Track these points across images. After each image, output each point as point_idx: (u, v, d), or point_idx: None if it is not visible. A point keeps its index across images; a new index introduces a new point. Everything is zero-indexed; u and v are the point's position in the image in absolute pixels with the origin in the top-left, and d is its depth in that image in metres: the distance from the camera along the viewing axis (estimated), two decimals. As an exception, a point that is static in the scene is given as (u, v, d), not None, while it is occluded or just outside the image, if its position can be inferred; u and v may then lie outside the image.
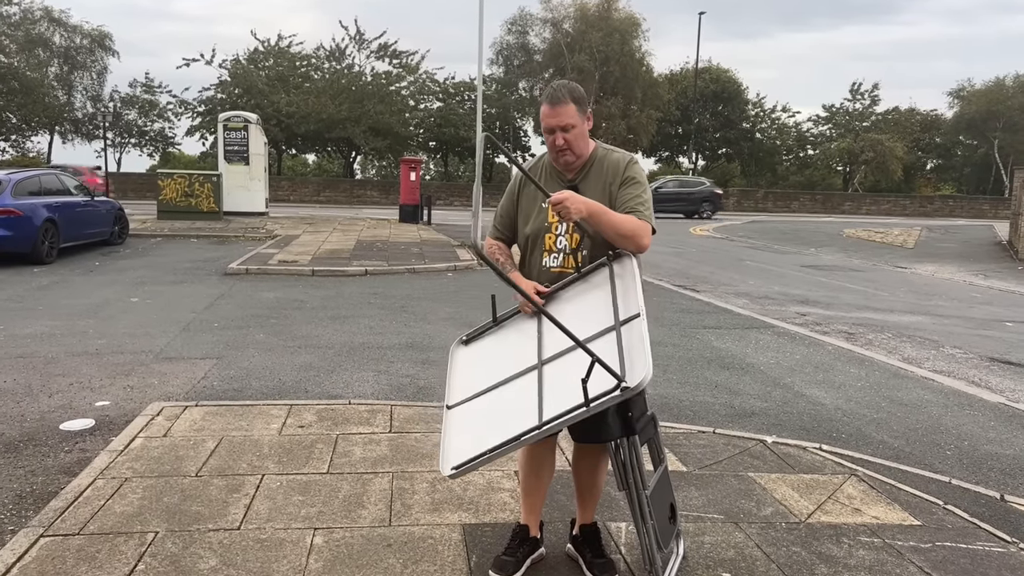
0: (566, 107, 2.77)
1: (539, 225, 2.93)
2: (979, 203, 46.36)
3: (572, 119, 2.78)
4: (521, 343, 2.79)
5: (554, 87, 2.83)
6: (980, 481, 4.43)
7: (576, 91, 2.82)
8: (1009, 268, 18.11)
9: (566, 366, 2.49)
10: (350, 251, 14.81)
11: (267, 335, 7.48)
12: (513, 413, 2.52)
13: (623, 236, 2.71)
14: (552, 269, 2.91)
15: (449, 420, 2.77)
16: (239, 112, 24.49)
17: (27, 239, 11.77)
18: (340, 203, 37.47)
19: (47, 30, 38.69)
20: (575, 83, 2.90)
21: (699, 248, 19.56)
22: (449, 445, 2.64)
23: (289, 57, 41.44)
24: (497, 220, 3.13)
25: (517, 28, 43.27)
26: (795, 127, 54.07)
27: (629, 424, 2.71)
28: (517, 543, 3.08)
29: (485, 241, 3.09)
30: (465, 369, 2.93)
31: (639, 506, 2.77)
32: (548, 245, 2.92)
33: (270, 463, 4.11)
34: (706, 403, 5.70)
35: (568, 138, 2.80)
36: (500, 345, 2.92)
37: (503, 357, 2.80)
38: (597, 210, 2.68)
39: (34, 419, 4.87)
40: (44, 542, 3.18)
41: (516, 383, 2.67)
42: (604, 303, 2.64)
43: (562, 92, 2.79)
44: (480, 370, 2.84)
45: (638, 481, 2.75)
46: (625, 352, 2.39)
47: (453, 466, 2.49)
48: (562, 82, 2.88)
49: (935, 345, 8.17)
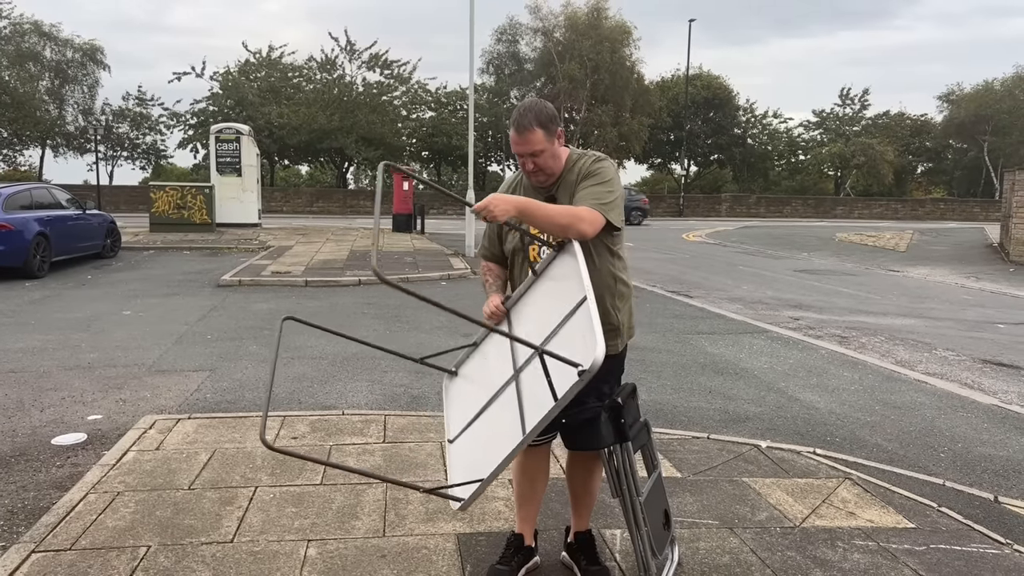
0: (533, 134, 2.71)
1: (522, 239, 2.91)
2: (970, 206, 46.65)
3: (540, 144, 2.72)
4: (500, 356, 2.79)
5: (520, 112, 2.73)
6: (974, 483, 4.44)
7: (542, 114, 2.73)
8: (1000, 270, 18.19)
9: (536, 370, 2.44)
10: (343, 261, 14.80)
11: (260, 347, 7.46)
12: (502, 431, 2.50)
13: (560, 226, 2.61)
14: None
15: (451, 454, 2.78)
16: (231, 124, 24.52)
17: (19, 253, 11.73)
18: (333, 213, 37.48)
19: (37, 44, 38.63)
20: (541, 103, 2.79)
21: (692, 254, 19.62)
22: (454, 479, 2.64)
23: (280, 68, 41.50)
24: (484, 239, 3.10)
25: (507, 37, 43.46)
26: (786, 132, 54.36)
27: (622, 431, 2.71)
28: (512, 552, 3.09)
29: (481, 264, 3.11)
30: (457, 399, 2.94)
31: (633, 513, 2.77)
32: (532, 257, 2.90)
33: (263, 475, 4.10)
34: (700, 408, 5.70)
35: (538, 162, 2.76)
36: (483, 365, 2.91)
37: (487, 376, 2.80)
38: (526, 206, 2.58)
39: (25, 434, 4.85)
40: (36, 558, 3.16)
41: (500, 399, 2.65)
42: (556, 296, 2.63)
43: (528, 119, 2.70)
44: (470, 397, 2.84)
45: (631, 488, 2.75)
46: (579, 337, 2.35)
47: (460, 505, 2.47)
48: (528, 105, 2.77)
49: (928, 348, 8.19)
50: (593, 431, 2.71)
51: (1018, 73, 47.85)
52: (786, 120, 53.67)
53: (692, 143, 49.63)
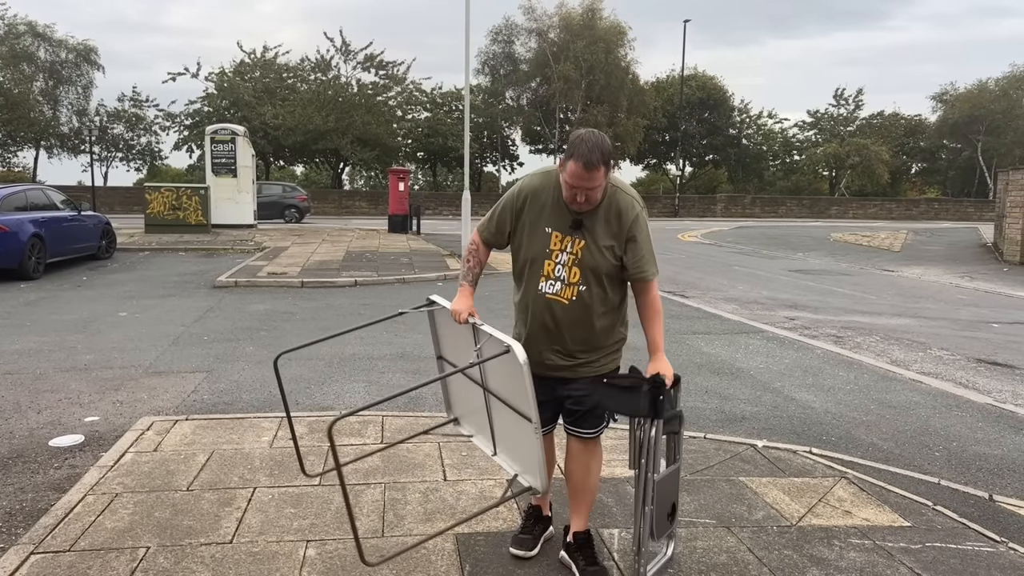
0: (598, 172, 2.74)
1: (539, 250, 2.95)
2: (964, 206, 46.82)
3: (600, 181, 2.78)
4: (468, 383, 3.31)
5: (588, 147, 2.72)
6: (969, 482, 4.46)
7: (607, 153, 2.76)
8: (994, 270, 18.27)
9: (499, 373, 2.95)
10: (339, 262, 14.79)
11: (257, 347, 7.46)
12: (516, 429, 2.93)
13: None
14: (547, 295, 2.95)
15: (501, 460, 3.28)
16: (226, 124, 24.47)
17: (14, 255, 11.70)
18: (329, 214, 37.45)
19: (31, 45, 38.51)
20: (604, 140, 2.80)
21: (687, 254, 19.66)
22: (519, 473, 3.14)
23: (276, 69, 41.45)
24: (491, 222, 3.11)
25: (502, 38, 43.46)
26: (781, 133, 54.48)
27: (657, 407, 2.77)
28: (532, 522, 3.35)
29: (473, 238, 3.20)
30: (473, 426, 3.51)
31: (644, 487, 2.82)
32: (547, 271, 2.95)
33: (261, 476, 4.10)
34: (696, 408, 5.72)
35: (590, 195, 2.81)
36: (465, 396, 3.45)
37: (473, 402, 3.34)
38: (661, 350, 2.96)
39: (23, 436, 4.84)
40: (35, 559, 3.16)
41: (495, 409, 3.13)
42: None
43: (596, 156, 2.72)
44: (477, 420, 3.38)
45: (650, 463, 2.80)
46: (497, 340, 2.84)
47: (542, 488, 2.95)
48: (595, 141, 2.76)
49: (923, 347, 8.23)
50: (632, 397, 2.81)
51: (1012, 73, 48.03)
52: (781, 120, 53.99)
53: (687, 143, 49.73)
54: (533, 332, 3.00)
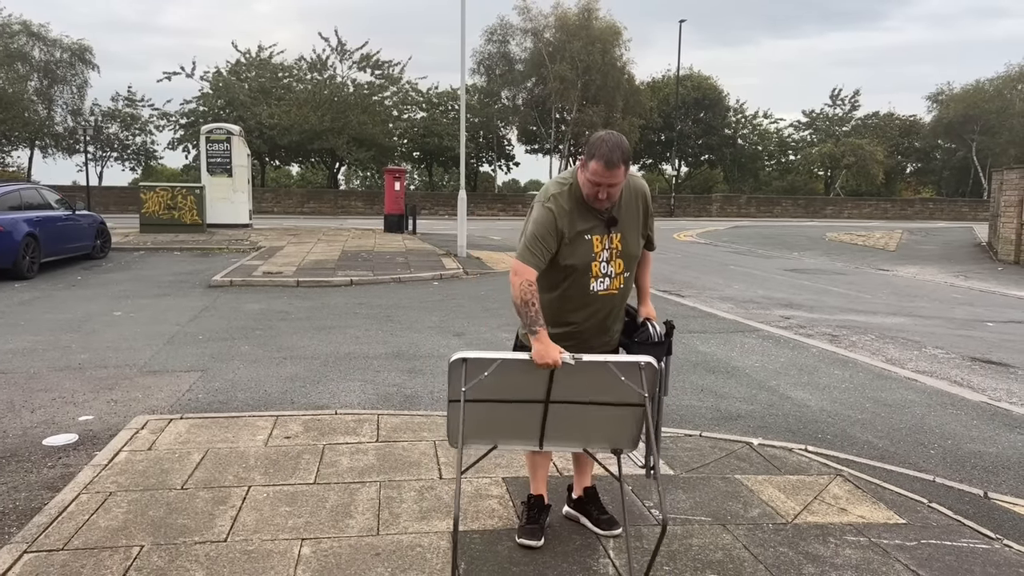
0: (619, 170, 2.92)
1: (583, 257, 3.07)
2: (959, 205, 46.93)
3: (621, 179, 2.97)
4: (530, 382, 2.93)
5: (610, 147, 2.89)
6: (964, 479, 4.47)
7: (627, 153, 2.94)
8: (989, 269, 18.31)
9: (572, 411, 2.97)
10: (335, 261, 14.77)
11: (252, 347, 7.44)
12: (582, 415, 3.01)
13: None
14: (600, 293, 3.13)
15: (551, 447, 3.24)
16: (221, 124, 24.41)
17: (8, 254, 11.66)
18: (325, 214, 37.40)
19: (26, 44, 38.38)
20: (623, 140, 2.97)
21: (683, 253, 19.68)
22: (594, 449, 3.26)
23: (271, 68, 41.36)
24: (538, 251, 2.99)
25: (497, 38, 43.42)
26: (777, 133, 54.55)
27: (670, 346, 3.23)
28: (537, 512, 3.45)
29: (526, 276, 2.96)
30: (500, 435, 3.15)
31: (658, 406, 3.04)
32: (595, 272, 3.10)
33: (256, 474, 4.09)
34: (692, 407, 5.72)
35: (611, 192, 2.99)
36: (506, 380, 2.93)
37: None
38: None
39: (16, 435, 4.82)
40: (28, 558, 3.15)
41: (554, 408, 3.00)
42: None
43: (617, 156, 2.89)
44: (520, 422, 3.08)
45: (664, 388, 3.09)
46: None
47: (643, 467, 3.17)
48: (615, 141, 2.92)
49: (918, 346, 8.24)
50: (658, 348, 3.14)
51: (1007, 73, 48.15)
52: (776, 120, 54.00)
53: (683, 143, 49.76)
54: (590, 327, 3.18)
